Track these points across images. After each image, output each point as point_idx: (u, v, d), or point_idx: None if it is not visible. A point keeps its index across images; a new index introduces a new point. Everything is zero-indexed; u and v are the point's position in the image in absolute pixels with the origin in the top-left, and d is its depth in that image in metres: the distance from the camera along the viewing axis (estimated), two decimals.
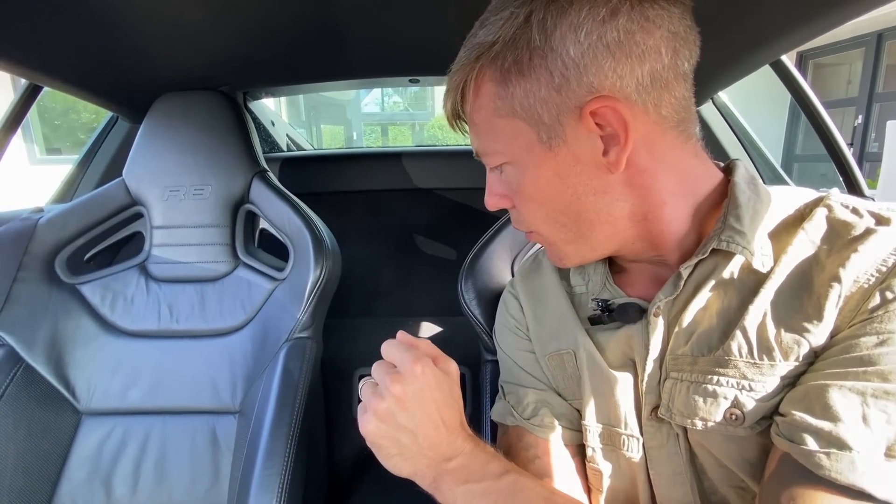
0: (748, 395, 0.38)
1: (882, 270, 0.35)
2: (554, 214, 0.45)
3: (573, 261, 0.49)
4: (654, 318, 0.44)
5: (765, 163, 1.07)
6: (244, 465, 0.69)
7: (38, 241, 0.85)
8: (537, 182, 0.44)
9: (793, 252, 0.39)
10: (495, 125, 0.43)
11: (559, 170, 0.42)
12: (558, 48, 0.38)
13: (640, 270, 0.49)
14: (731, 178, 0.44)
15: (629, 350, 0.46)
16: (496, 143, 0.44)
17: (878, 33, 4.59)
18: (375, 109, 8.95)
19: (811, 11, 0.63)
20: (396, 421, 0.41)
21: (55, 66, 0.79)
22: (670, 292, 0.43)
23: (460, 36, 0.46)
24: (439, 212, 1.31)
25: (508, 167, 0.45)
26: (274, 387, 0.73)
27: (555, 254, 0.49)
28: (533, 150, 0.42)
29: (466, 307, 0.71)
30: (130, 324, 0.86)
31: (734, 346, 0.39)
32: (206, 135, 0.88)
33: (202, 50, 0.80)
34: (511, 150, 0.44)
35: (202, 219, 0.88)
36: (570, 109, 0.39)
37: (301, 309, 0.79)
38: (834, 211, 0.40)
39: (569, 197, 0.43)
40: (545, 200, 0.44)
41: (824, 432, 0.33)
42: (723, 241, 0.40)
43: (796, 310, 0.37)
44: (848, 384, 0.33)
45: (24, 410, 0.77)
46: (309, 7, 0.67)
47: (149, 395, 0.83)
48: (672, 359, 0.43)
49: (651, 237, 0.44)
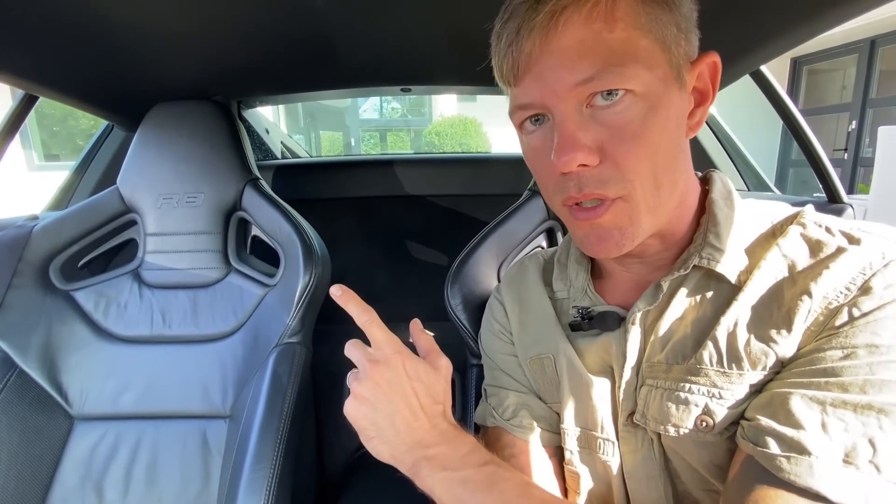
0: (717, 402, 0.39)
1: (851, 289, 0.36)
2: (659, 169, 0.40)
3: (637, 240, 0.42)
4: (631, 326, 0.45)
5: (750, 170, 1.09)
6: (232, 469, 0.70)
7: (32, 248, 0.86)
8: (664, 124, 0.39)
9: (766, 267, 0.40)
10: (637, 44, 0.37)
11: (679, 116, 0.40)
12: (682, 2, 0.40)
13: (621, 278, 0.50)
14: (710, 195, 0.45)
15: (607, 356, 0.47)
16: (637, 65, 0.37)
17: (871, 39, 4.64)
18: (374, 116, 9.00)
19: (790, 22, 0.64)
20: (373, 404, 0.43)
21: (50, 76, 0.80)
22: (649, 302, 0.44)
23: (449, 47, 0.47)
24: (430, 218, 1.32)
25: (631, 100, 0.38)
26: (263, 391, 0.74)
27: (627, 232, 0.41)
28: (668, 83, 0.39)
29: (452, 312, 0.73)
30: (123, 329, 0.87)
31: (706, 355, 0.40)
32: (200, 143, 0.89)
33: (196, 60, 0.81)
34: (651, 79, 0.38)
35: (195, 226, 0.89)
36: (687, 59, 0.40)
37: (291, 314, 0.80)
38: (808, 229, 0.41)
39: (674, 151, 0.40)
40: (659, 149, 0.39)
41: (786, 437, 0.34)
42: (703, 258, 0.42)
43: (766, 321, 0.39)
44: (810, 393, 0.35)
45: (18, 415, 0.78)
46: (301, 18, 0.69)
47: (141, 400, 0.84)
48: (648, 366, 0.44)
49: (670, 225, 0.44)
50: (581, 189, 0.40)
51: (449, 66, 0.96)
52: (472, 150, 6.34)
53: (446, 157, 1.43)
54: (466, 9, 0.66)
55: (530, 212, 0.81)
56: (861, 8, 0.58)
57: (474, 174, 1.32)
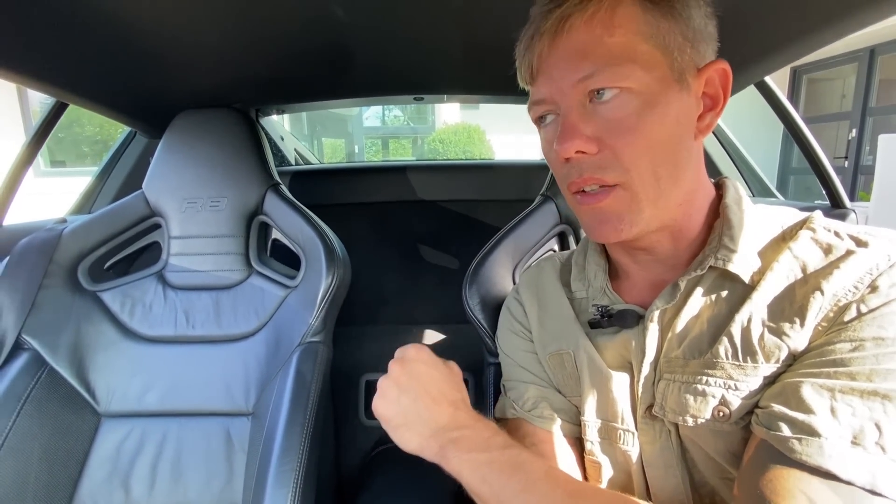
0: (734, 393, 0.42)
1: (859, 287, 0.39)
2: (658, 162, 0.43)
3: (637, 228, 0.45)
4: (650, 324, 0.47)
5: (754, 177, 1.12)
6: (259, 464, 0.73)
7: (62, 250, 0.89)
8: (661, 120, 0.43)
9: (779, 268, 0.43)
10: (636, 48, 0.42)
11: (679, 115, 0.44)
12: (693, 11, 0.44)
13: (637, 278, 0.52)
14: (724, 200, 0.48)
15: (626, 353, 0.49)
16: (634, 66, 0.42)
17: (870, 48, 4.69)
18: (376, 123, 9.06)
19: (792, 36, 0.67)
20: (397, 396, 0.48)
21: (81, 84, 0.83)
22: (667, 301, 0.47)
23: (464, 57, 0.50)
24: (442, 223, 1.35)
25: (628, 97, 0.42)
26: (287, 388, 0.76)
27: (625, 218, 0.45)
28: (666, 83, 0.43)
29: (471, 312, 0.75)
30: (148, 330, 0.90)
31: (721, 349, 0.43)
32: (223, 150, 0.93)
33: (219, 70, 0.84)
34: (647, 79, 0.42)
35: (218, 229, 0.92)
36: (694, 64, 0.44)
37: (313, 314, 0.83)
38: (817, 233, 0.44)
39: (675, 146, 0.44)
40: (658, 143, 0.43)
41: (798, 421, 0.36)
42: (719, 259, 0.44)
43: (779, 317, 0.41)
44: (820, 381, 0.37)
45: (48, 411, 0.80)
46: (320, 29, 0.72)
47: (165, 398, 0.87)
48: (665, 361, 0.46)
49: (680, 223, 0.47)
50: (581, 174, 0.45)
51: (462, 75, 1.00)
52: (476, 157, 6.38)
53: (458, 163, 1.47)
54: (481, 19, 0.70)
55: (543, 216, 0.84)
56: (863, 22, 0.61)
57: (485, 180, 1.35)
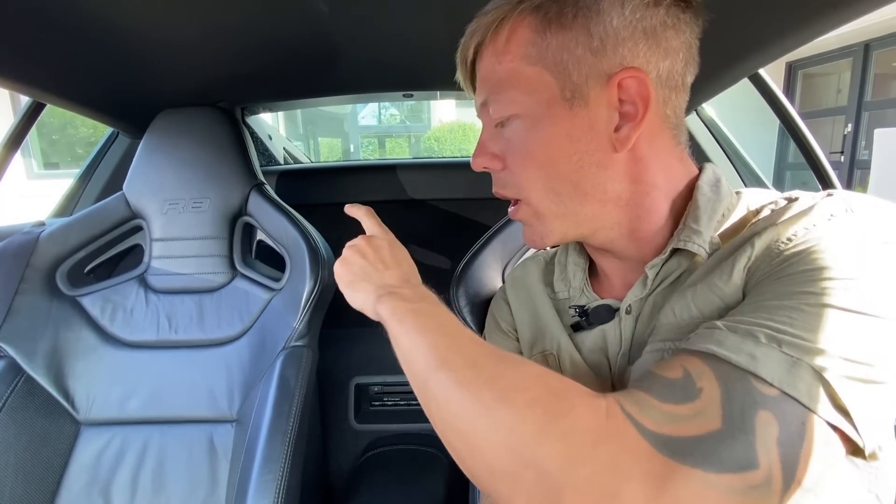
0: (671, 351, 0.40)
1: (792, 239, 0.36)
2: (553, 180, 0.44)
3: (553, 238, 0.48)
4: (625, 315, 0.47)
5: (749, 172, 1.10)
6: (241, 472, 0.71)
7: (39, 254, 0.87)
8: (548, 141, 0.43)
9: (733, 240, 0.41)
10: (521, 73, 0.42)
11: (573, 132, 0.42)
12: (604, 14, 0.40)
13: (613, 276, 0.51)
14: (697, 183, 0.46)
15: (604, 347, 0.49)
16: (516, 92, 0.43)
17: (865, 43, 4.69)
18: (372, 122, 9.03)
19: (785, 28, 0.66)
20: (356, 256, 0.52)
21: (57, 83, 0.81)
22: (640, 292, 0.46)
23: (450, 52, 0.49)
24: (433, 222, 1.33)
25: (517, 122, 0.44)
26: (271, 394, 0.74)
27: (537, 230, 0.48)
28: (553, 105, 0.42)
29: (459, 314, 0.73)
30: (130, 335, 0.88)
31: (668, 316, 0.42)
32: (205, 149, 0.90)
33: (201, 67, 0.82)
34: (529, 102, 0.43)
35: (201, 231, 0.90)
36: (599, 74, 0.41)
37: (297, 318, 0.81)
38: (777, 203, 0.42)
39: (574, 164, 0.43)
40: (549, 163, 0.44)
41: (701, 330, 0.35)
42: (681, 240, 0.43)
43: (713, 275, 0.40)
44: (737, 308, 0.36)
45: (25, 420, 0.78)
46: (305, 25, 0.70)
47: (147, 405, 0.84)
48: (636, 348, 0.46)
49: (629, 225, 0.46)
50: (494, 187, 0.50)
51: (450, 71, 0.97)
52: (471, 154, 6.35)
53: (448, 161, 1.44)
54: (468, 14, 0.68)
55: None
56: (857, 12, 0.60)
57: (476, 178, 1.32)
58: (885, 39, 4.51)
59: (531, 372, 0.36)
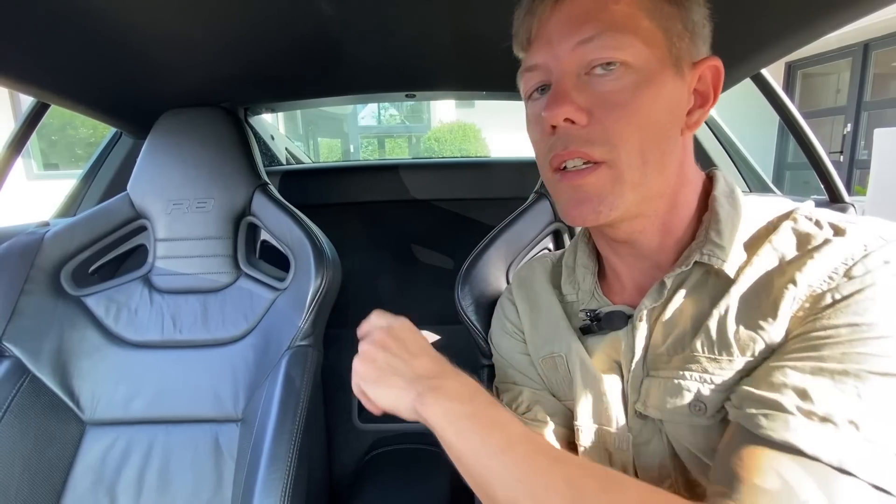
0: (708, 387, 0.41)
1: (834, 278, 0.37)
2: (647, 143, 0.42)
3: (616, 212, 0.43)
4: (639, 323, 0.46)
5: (750, 171, 1.10)
6: (247, 472, 0.71)
7: (44, 254, 0.87)
8: (654, 101, 0.41)
9: (758, 261, 0.42)
10: (639, 21, 0.41)
11: (671, 99, 0.42)
12: (693, 5, 0.43)
13: (625, 278, 0.51)
14: (713, 192, 0.46)
15: (616, 354, 0.49)
16: (635, 38, 0.40)
17: (864, 43, 4.70)
18: (372, 122, 9.01)
19: (786, 29, 0.66)
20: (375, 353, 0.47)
21: (62, 83, 0.81)
22: (655, 300, 0.46)
23: (455, 53, 0.49)
24: (436, 222, 1.33)
25: (626, 72, 0.41)
26: (276, 394, 0.74)
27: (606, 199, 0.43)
28: (664, 65, 0.42)
29: (463, 314, 0.73)
30: (134, 335, 0.88)
31: (698, 343, 0.42)
32: (209, 149, 0.90)
33: (205, 67, 0.82)
34: (647, 55, 0.41)
35: (205, 231, 0.90)
36: (690, 56, 0.43)
37: (302, 318, 0.81)
38: (798, 223, 0.42)
39: (666, 132, 0.43)
40: (649, 124, 0.41)
41: (766, 399, 0.35)
42: (704, 254, 0.43)
43: (755, 310, 0.40)
44: (791, 364, 0.36)
45: (31, 421, 0.78)
46: (308, 26, 0.70)
47: (152, 404, 0.84)
48: (652, 359, 0.46)
49: (664, 216, 0.46)
50: (567, 146, 0.42)
51: (453, 71, 0.98)
52: (472, 155, 6.36)
53: (451, 161, 1.45)
54: (470, 16, 0.68)
55: (537, 214, 0.82)
56: (859, 12, 0.60)
57: (479, 178, 1.33)
58: (885, 39, 4.52)
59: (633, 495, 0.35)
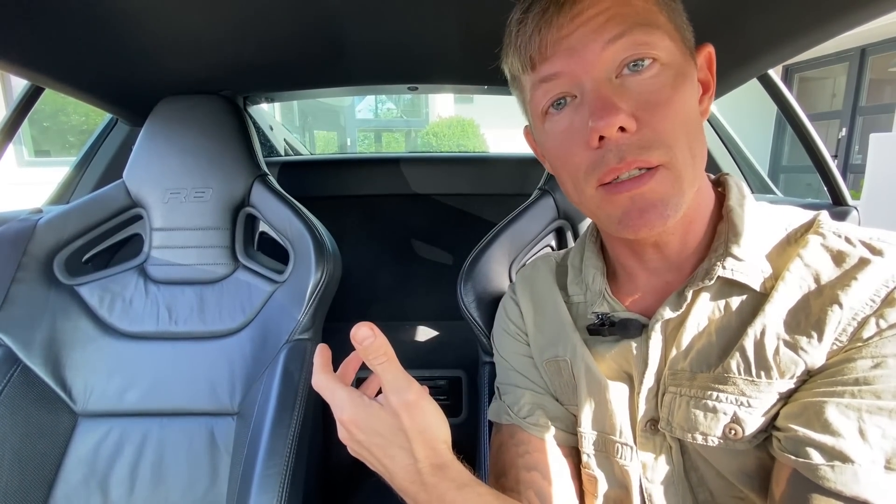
0: (746, 410, 0.39)
1: (876, 300, 0.36)
2: (692, 139, 0.40)
3: (679, 212, 0.41)
4: (654, 334, 0.45)
5: (753, 173, 1.10)
6: (244, 466, 0.70)
7: (36, 241, 0.85)
8: (687, 95, 0.40)
9: (790, 278, 0.40)
10: (657, 16, 0.40)
11: (695, 91, 0.42)
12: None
13: (638, 282, 0.49)
14: (727, 202, 0.45)
15: (625, 363, 0.47)
16: (662, 33, 0.39)
17: (861, 48, 4.73)
18: (369, 116, 8.97)
19: (795, 30, 0.66)
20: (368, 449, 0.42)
21: (59, 68, 0.79)
22: (673, 310, 0.44)
23: (459, 46, 0.47)
24: (436, 217, 1.32)
25: (659, 70, 0.39)
26: (274, 388, 0.73)
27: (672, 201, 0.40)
28: (687, 59, 0.41)
29: (466, 310, 0.73)
30: (129, 325, 0.86)
31: (733, 364, 0.40)
32: (208, 138, 0.89)
33: (205, 54, 0.80)
34: (674, 50, 0.40)
35: (202, 221, 0.88)
36: (693, 46, 0.44)
37: (302, 311, 0.80)
38: (827, 239, 0.41)
39: (699, 124, 0.42)
40: (690, 119, 0.40)
41: (827, 447, 0.34)
42: (727, 268, 0.42)
43: (795, 330, 0.38)
44: (844, 401, 0.35)
45: (21, 412, 0.76)
46: (311, 15, 0.69)
47: (146, 397, 0.83)
48: (671, 374, 0.44)
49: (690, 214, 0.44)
50: (623, 158, 0.38)
51: (457, 64, 0.96)
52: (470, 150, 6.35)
53: (452, 156, 1.43)
54: (476, 7, 0.67)
55: (541, 211, 0.81)
56: (871, 14, 0.60)
57: (480, 173, 1.32)
58: (882, 45, 4.56)
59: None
